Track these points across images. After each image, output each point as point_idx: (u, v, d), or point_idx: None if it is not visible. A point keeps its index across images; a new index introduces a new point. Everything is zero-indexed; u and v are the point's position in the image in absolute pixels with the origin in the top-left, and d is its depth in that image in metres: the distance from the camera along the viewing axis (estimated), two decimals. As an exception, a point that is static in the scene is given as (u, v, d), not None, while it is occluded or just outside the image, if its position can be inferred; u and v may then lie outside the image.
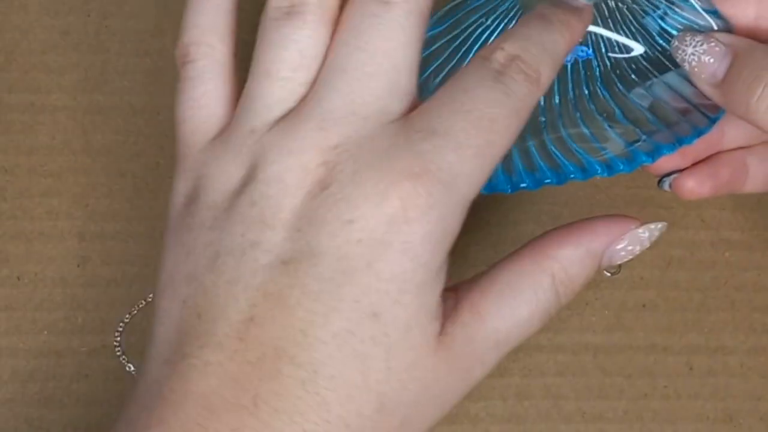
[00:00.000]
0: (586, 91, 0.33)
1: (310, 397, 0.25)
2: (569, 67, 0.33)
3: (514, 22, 0.34)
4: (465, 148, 0.26)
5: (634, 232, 0.30)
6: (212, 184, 0.27)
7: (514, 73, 0.27)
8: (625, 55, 0.33)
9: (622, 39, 0.33)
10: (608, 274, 0.34)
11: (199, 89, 0.29)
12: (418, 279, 0.26)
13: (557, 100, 0.33)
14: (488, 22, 0.34)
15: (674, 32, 0.33)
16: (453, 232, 0.27)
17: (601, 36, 0.33)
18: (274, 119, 0.28)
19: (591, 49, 0.33)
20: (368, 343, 0.25)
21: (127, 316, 0.36)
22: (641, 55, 0.33)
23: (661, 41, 0.33)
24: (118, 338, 0.36)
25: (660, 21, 0.33)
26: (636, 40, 0.33)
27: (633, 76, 0.33)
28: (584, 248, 0.29)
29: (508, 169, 0.32)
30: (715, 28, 0.32)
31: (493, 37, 0.33)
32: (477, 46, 0.34)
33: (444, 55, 0.34)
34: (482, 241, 0.38)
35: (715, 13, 0.32)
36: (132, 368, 0.36)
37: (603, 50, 0.33)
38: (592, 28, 0.33)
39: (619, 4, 0.33)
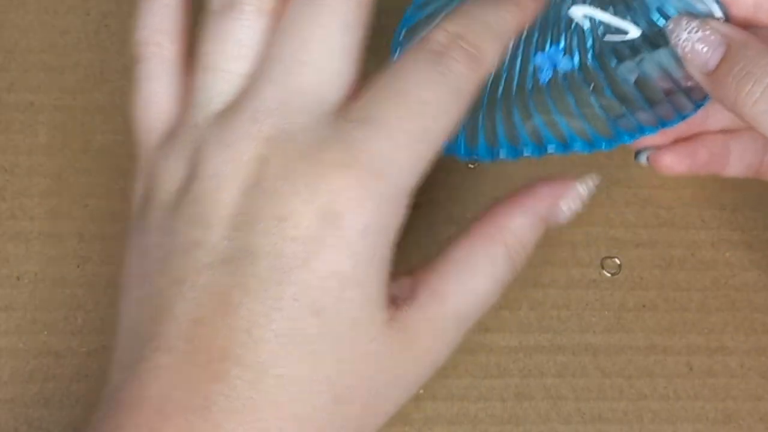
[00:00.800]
0: (576, 61, 0.33)
1: (261, 397, 0.25)
2: (563, 36, 0.33)
3: None
4: (398, 134, 0.25)
5: (574, 189, 0.30)
6: (161, 184, 0.27)
7: (454, 53, 0.26)
8: (621, 38, 0.33)
9: (619, 21, 0.33)
10: (608, 274, 0.34)
11: (147, 89, 0.29)
12: (360, 275, 0.25)
13: None
14: None
15: (672, 12, 0.32)
16: (393, 224, 0.26)
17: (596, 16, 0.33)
18: (215, 112, 0.27)
19: (576, 59, 0.33)
20: (313, 340, 0.25)
21: (127, 316, 0.36)
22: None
23: (657, 20, 0.33)
24: (118, 338, 0.36)
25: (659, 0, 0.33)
26: (633, 16, 0.33)
27: (626, 50, 0.33)
28: (532, 213, 0.29)
29: (490, 138, 0.31)
30: (714, 14, 0.32)
31: None
32: None
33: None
34: (482, 241, 0.38)
35: None
36: (132, 368, 0.36)
37: (597, 24, 0.33)
38: (587, 11, 0.33)
39: None
